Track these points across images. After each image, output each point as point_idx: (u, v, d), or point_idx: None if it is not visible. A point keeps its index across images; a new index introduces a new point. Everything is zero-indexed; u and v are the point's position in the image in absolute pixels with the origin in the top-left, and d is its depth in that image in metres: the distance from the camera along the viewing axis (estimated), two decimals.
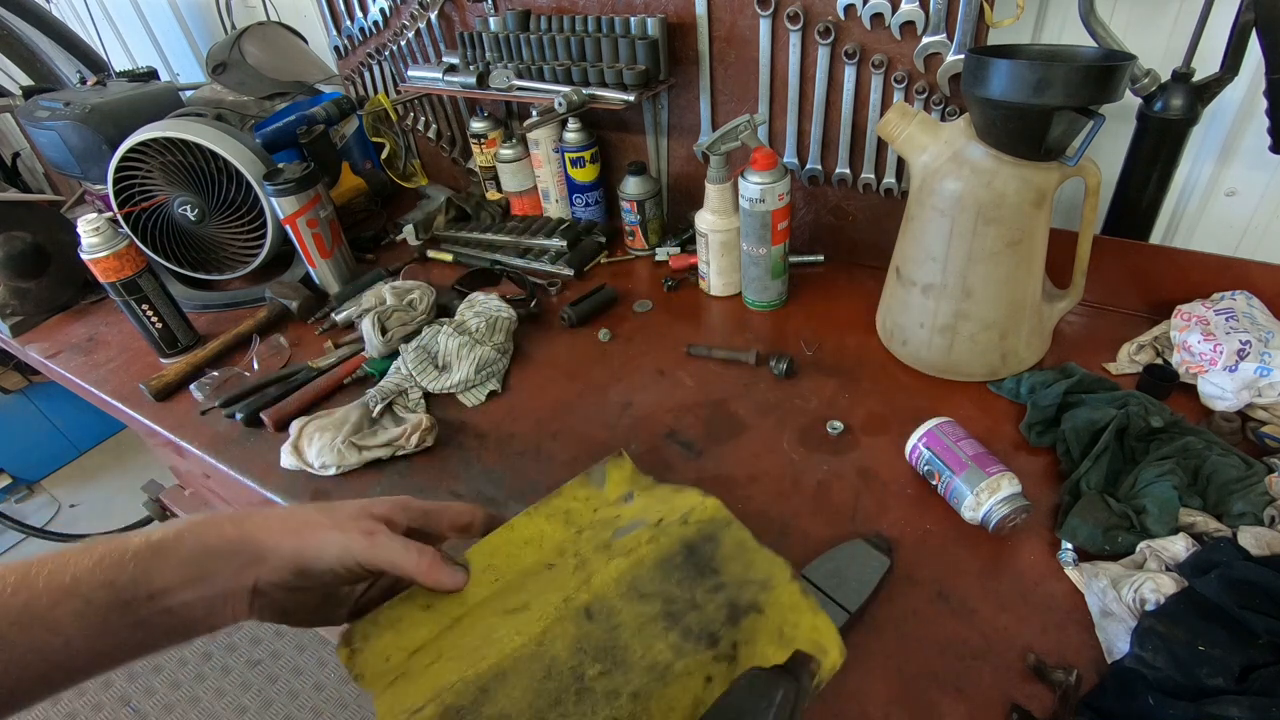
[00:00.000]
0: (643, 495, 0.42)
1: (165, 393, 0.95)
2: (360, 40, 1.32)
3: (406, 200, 1.43)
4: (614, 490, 0.43)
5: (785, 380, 0.86)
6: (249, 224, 1.09)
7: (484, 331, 0.92)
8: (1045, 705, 0.51)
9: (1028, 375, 0.78)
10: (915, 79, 0.87)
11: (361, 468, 0.79)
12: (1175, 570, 0.56)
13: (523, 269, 1.14)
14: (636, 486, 0.43)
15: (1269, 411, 0.69)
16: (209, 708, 1.60)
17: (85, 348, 1.11)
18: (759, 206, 0.89)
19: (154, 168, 1.05)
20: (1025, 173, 0.69)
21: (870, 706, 0.53)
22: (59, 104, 1.11)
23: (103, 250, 0.92)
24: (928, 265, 0.77)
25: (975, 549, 0.63)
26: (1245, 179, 0.86)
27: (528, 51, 1.06)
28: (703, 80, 1.02)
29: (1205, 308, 0.78)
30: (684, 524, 0.38)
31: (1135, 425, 0.67)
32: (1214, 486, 0.62)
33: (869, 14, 0.84)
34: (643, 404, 0.85)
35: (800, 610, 0.37)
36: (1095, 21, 0.76)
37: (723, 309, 1.02)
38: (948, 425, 0.68)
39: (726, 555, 0.38)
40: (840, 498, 0.70)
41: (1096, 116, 0.63)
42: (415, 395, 0.88)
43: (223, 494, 1.26)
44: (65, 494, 2.34)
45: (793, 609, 0.37)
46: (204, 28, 1.74)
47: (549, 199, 1.24)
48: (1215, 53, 0.75)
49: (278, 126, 1.11)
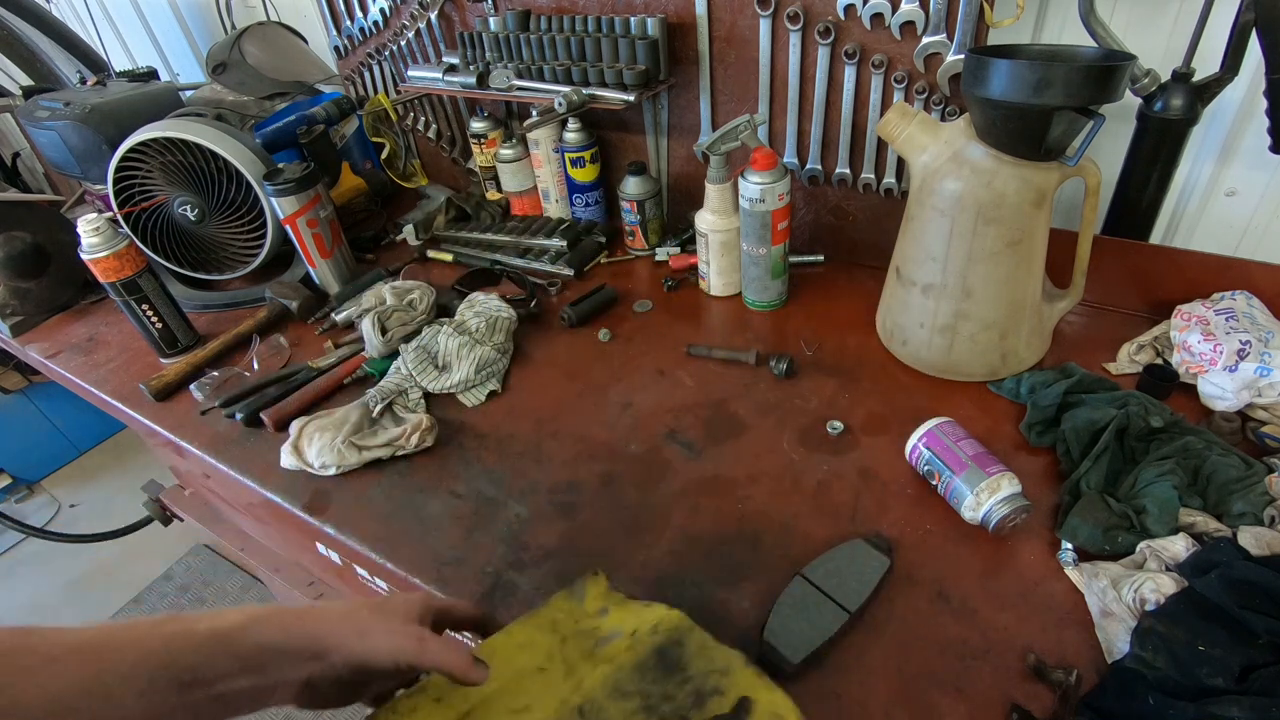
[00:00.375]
0: (616, 609, 0.50)
1: (165, 393, 0.95)
2: (360, 40, 1.32)
3: (406, 200, 1.43)
4: (592, 604, 0.51)
5: (785, 380, 0.86)
6: (249, 224, 1.09)
7: (484, 331, 0.92)
8: (1045, 705, 0.51)
9: (1028, 375, 0.78)
10: (915, 79, 0.87)
11: (361, 468, 0.79)
12: (1175, 570, 0.56)
13: (523, 269, 1.14)
14: (610, 602, 0.51)
15: (1269, 411, 0.69)
16: None
17: (85, 348, 1.11)
18: (759, 206, 0.89)
19: (154, 168, 1.05)
20: (1025, 173, 0.69)
21: (870, 706, 0.53)
22: (59, 104, 1.11)
23: (103, 250, 0.92)
24: (928, 265, 0.77)
25: (975, 549, 0.63)
26: (1245, 179, 0.86)
27: (528, 51, 1.06)
28: (703, 80, 1.02)
29: (1205, 308, 0.78)
30: (654, 633, 0.46)
31: (1135, 425, 0.67)
32: (1214, 486, 0.62)
33: (869, 14, 0.84)
34: (643, 404, 0.85)
35: (757, 689, 0.43)
36: (1095, 21, 0.76)
37: (723, 309, 1.02)
38: (948, 425, 0.68)
39: (691, 654, 0.46)
40: (840, 498, 0.70)
41: (1096, 116, 0.63)
42: (415, 395, 0.88)
43: (223, 494, 1.25)
44: (65, 494, 2.34)
45: (750, 689, 0.43)
46: (204, 28, 1.74)
47: (549, 199, 1.24)
48: (1215, 53, 0.76)
49: (278, 126, 1.11)
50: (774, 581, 0.61)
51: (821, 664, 0.56)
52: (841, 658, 0.56)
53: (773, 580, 0.62)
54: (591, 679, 0.45)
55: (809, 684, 0.54)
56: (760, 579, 0.63)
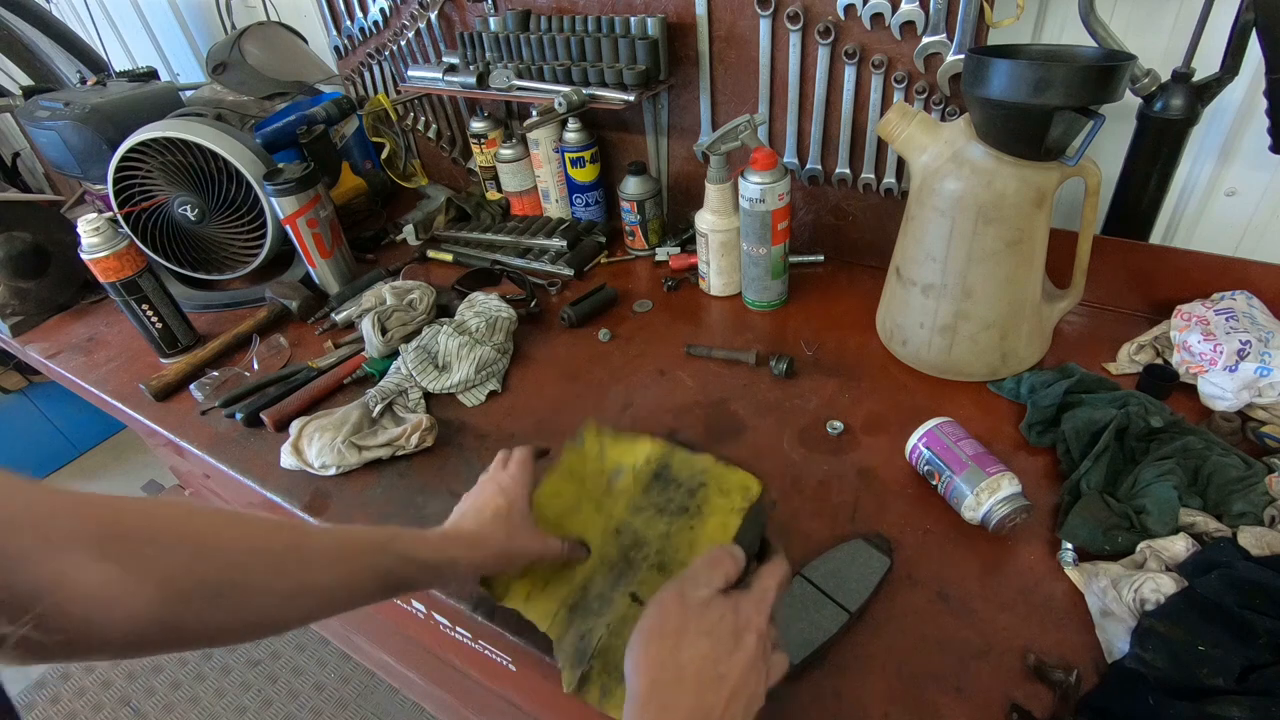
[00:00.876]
0: (610, 446, 0.66)
1: (165, 393, 0.95)
2: (360, 40, 1.32)
3: (406, 200, 1.43)
4: (591, 447, 0.66)
5: (785, 380, 0.86)
6: (249, 224, 1.09)
7: (484, 331, 0.92)
8: (1045, 705, 0.51)
9: (1028, 375, 0.78)
10: (915, 79, 0.87)
11: (361, 468, 0.79)
12: (1175, 570, 0.56)
13: (523, 269, 1.14)
14: (603, 441, 0.66)
15: (1269, 411, 0.69)
16: (209, 708, 1.60)
17: (85, 348, 1.11)
18: (759, 206, 0.89)
19: (154, 168, 1.05)
20: (1025, 173, 0.69)
21: (870, 706, 0.53)
22: (59, 104, 1.11)
23: (103, 250, 0.92)
24: (928, 265, 0.77)
25: (975, 549, 0.63)
26: (1245, 179, 0.86)
27: (528, 51, 1.06)
28: (703, 80, 1.02)
29: (1205, 308, 0.78)
30: (648, 463, 0.63)
31: (1135, 425, 0.67)
32: (1214, 486, 0.62)
33: (869, 14, 0.84)
34: (643, 404, 0.85)
35: (725, 475, 0.60)
36: (1095, 21, 0.76)
37: (723, 309, 1.02)
38: (948, 425, 0.68)
39: (677, 468, 0.62)
40: (840, 498, 0.70)
41: (1096, 116, 0.63)
42: (415, 395, 0.88)
43: (223, 494, 1.25)
44: None
45: (720, 476, 0.59)
46: (204, 28, 1.74)
47: (549, 199, 1.24)
48: (1215, 53, 0.75)
49: (278, 126, 1.11)
50: None
51: (821, 664, 0.56)
52: (841, 657, 0.56)
53: None
54: (616, 508, 0.61)
55: (809, 684, 0.55)
56: None
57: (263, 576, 0.43)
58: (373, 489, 0.78)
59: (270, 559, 0.43)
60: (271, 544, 0.44)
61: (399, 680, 1.46)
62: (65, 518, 0.37)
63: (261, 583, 0.43)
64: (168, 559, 0.39)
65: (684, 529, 0.58)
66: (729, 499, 0.59)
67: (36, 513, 0.36)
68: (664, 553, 0.58)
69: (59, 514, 0.37)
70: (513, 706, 0.98)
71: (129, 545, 0.38)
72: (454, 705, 1.26)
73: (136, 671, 1.70)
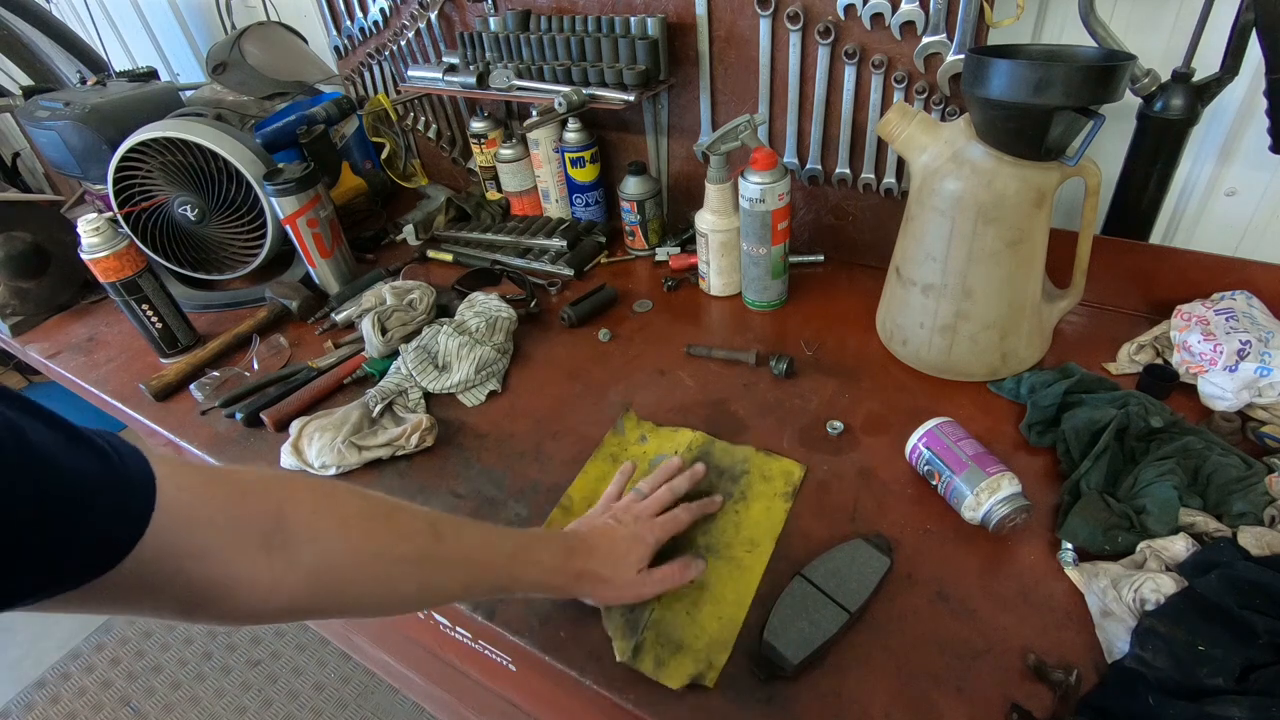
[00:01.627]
0: (652, 435, 0.73)
1: (165, 393, 0.95)
2: (360, 40, 1.32)
3: (406, 200, 1.43)
4: (632, 434, 0.73)
5: (785, 380, 0.86)
6: (249, 224, 1.09)
7: (484, 331, 0.92)
8: (1045, 705, 0.51)
9: (1028, 375, 0.78)
10: (915, 79, 0.87)
11: (361, 468, 0.79)
12: (1175, 570, 0.56)
13: (523, 269, 1.14)
14: (644, 429, 0.73)
15: (1269, 411, 0.69)
16: (209, 708, 1.60)
17: (85, 348, 1.11)
18: (759, 206, 0.89)
19: (154, 168, 1.05)
20: (1025, 173, 0.69)
21: (870, 706, 0.53)
22: (59, 104, 1.11)
23: (103, 250, 0.92)
24: (928, 265, 0.77)
25: (975, 549, 0.63)
26: (1245, 179, 0.86)
27: (528, 51, 1.06)
28: (703, 80, 1.02)
29: (1205, 308, 0.78)
30: (689, 450, 0.70)
31: (1135, 425, 0.67)
32: (1214, 486, 0.62)
33: (869, 14, 0.84)
34: (643, 404, 0.85)
35: (768, 462, 0.68)
36: (1095, 21, 0.76)
37: (723, 309, 1.02)
38: (948, 425, 0.68)
39: (718, 456, 0.69)
40: (840, 498, 0.70)
41: (1096, 116, 0.63)
42: (415, 395, 0.88)
43: None
44: None
45: (762, 464, 0.68)
46: (204, 28, 1.74)
47: (549, 199, 1.24)
48: (1215, 53, 0.75)
49: (278, 126, 1.10)
50: (774, 581, 0.62)
51: (821, 664, 0.56)
52: (841, 658, 0.56)
53: (773, 580, 0.62)
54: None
55: (809, 684, 0.55)
56: (760, 578, 0.63)
57: (398, 581, 0.48)
58: (373, 489, 0.77)
59: (406, 567, 0.49)
60: (409, 551, 0.49)
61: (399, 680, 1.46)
62: (239, 513, 0.41)
63: (394, 583, 0.48)
64: (322, 558, 0.44)
65: (729, 512, 0.64)
66: (772, 484, 0.66)
67: (213, 509, 0.40)
68: (709, 534, 0.64)
69: (233, 506, 0.41)
70: (513, 706, 0.98)
71: (291, 541, 0.42)
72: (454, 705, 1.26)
73: (137, 671, 1.70)
